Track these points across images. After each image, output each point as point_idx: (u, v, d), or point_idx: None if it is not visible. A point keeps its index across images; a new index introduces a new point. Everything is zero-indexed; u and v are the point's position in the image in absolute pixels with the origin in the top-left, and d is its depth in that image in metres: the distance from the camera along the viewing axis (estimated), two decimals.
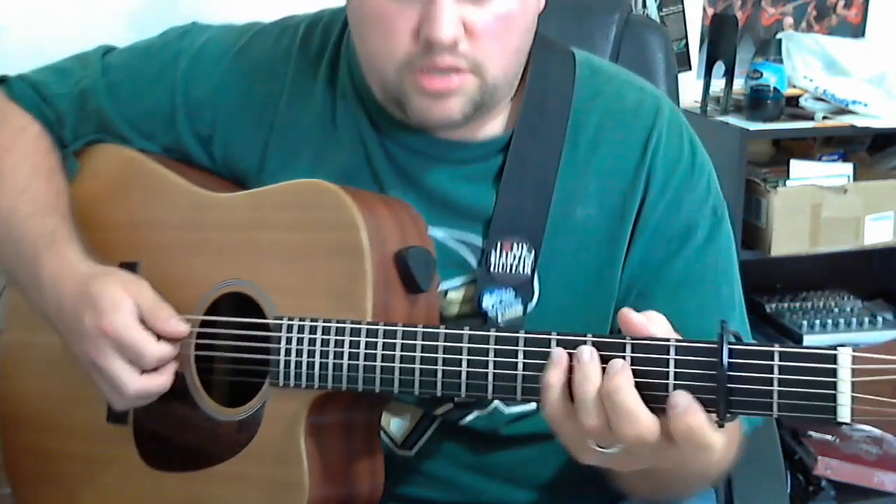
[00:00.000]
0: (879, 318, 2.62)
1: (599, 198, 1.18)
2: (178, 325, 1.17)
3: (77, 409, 1.28)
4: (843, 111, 2.47)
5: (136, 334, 1.14)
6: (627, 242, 1.18)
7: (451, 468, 1.25)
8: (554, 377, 0.95)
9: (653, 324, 0.96)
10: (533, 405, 1.19)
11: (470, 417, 1.22)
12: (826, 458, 2.37)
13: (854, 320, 2.60)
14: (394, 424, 1.23)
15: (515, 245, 1.16)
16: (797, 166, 2.46)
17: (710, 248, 1.19)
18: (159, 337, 1.16)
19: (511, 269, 1.16)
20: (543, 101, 1.21)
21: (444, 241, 1.19)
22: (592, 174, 1.19)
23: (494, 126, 1.21)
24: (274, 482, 1.12)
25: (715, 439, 0.90)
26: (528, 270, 1.16)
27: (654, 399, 0.91)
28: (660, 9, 2.63)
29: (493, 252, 1.16)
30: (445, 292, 1.19)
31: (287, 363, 1.10)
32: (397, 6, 1.08)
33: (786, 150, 2.62)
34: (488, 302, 1.15)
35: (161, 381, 1.16)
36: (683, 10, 2.67)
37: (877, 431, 2.31)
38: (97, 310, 1.15)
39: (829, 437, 2.41)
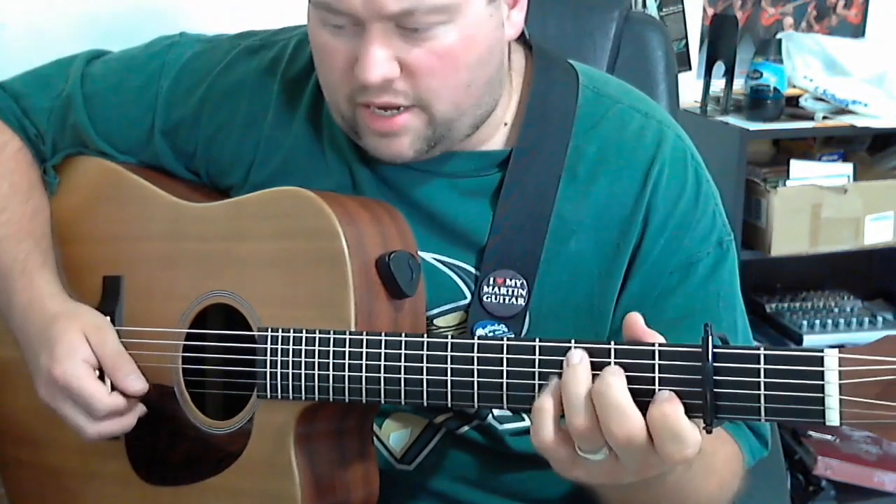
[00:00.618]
0: (879, 318, 2.62)
1: (595, 229, 1.15)
2: (135, 384, 1.16)
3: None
4: (843, 111, 2.47)
5: (87, 385, 1.14)
6: (623, 275, 1.15)
7: (450, 483, 1.23)
8: (547, 402, 0.93)
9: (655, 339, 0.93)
10: (526, 422, 1.18)
11: (466, 428, 1.20)
12: (826, 458, 2.37)
13: (854, 320, 2.61)
14: (393, 438, 1.22)
15: (508, 279, 1.14)
16: (797, 166, 2.46)
17: (712, 281, 1.16)
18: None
19: (503, 302, 1.14)
20: (543, 126, 1.17)
21: (434, 265, 1.16)
22: (590, 205, 1.15)
23: (492, 145, 1.19)
24: (266, 495, 1.11)
25: (688, 432, 0.88)
26: (520, 303, 1.14)
27: (639, 405, 0.90)
28: (660, 8, 2.63)
29: (485, 284, 1.14)
30: (434, 317, 1.17)
31: (273, 375, 1.09)
32: (334, 41, 1.07)
33: (786, 150, 2.62)
34: (480, 334, 1.14)
35: (120, 425, 1.17)
36: (683, 10, 2.66)
37: None
38: (52, 355, 1.16)
39: (829, 437, 2.41)
